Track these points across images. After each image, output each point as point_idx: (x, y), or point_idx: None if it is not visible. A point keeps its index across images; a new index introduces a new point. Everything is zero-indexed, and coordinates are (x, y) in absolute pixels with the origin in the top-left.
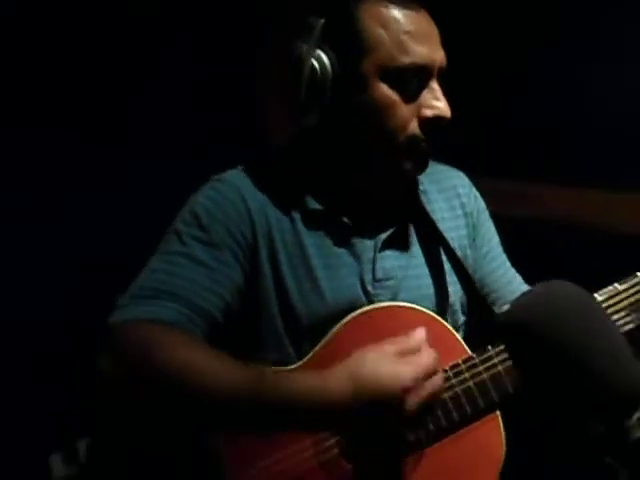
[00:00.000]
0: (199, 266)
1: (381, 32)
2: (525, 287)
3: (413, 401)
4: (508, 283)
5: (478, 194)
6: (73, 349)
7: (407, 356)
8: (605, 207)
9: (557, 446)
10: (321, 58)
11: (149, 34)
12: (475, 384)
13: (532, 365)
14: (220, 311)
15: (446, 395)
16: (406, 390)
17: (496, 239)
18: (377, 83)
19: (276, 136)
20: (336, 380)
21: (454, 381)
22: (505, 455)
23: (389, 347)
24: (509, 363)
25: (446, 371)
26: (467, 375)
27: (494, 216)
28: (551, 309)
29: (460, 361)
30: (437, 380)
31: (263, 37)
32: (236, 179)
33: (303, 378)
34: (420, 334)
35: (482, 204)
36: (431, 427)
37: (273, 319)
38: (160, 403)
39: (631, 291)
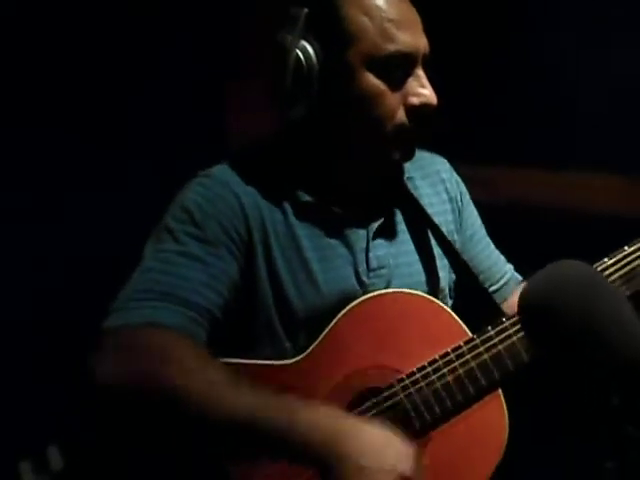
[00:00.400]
0: (196, 263)
1: (365, 20)
2: (509, 266)
3: None
4: (494, 264)
5: (459, 178)
6: (48, 352)
7: None
8: (561, 188)
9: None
10: (306, 49)
11: (148, 34)
12: (477, 365)
13: (551, 343)
14: (219, 308)
15: (449, 377)
16: None
17: (479, 221)
18: (363, 72)
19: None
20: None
21: (457, 363)
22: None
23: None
24: (508, 342)
25: (448, 354)
26: (469, 356)
27: None
28: (568, 288)
29: (462, 343)
30: None
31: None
32: (224, 174)
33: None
34: None
35: (464, 188)
36: (437, 410)
37: (268, 313)
38: (164, 415)
39: (620, 264)
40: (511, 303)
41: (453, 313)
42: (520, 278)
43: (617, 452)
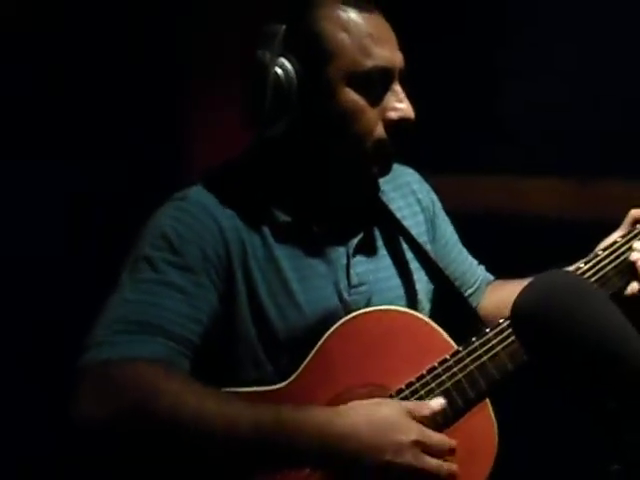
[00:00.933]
0: (177, 293)
1: (344, 37)
2: (481, 267)
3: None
4: (468, 269)
5: (430, 188)
6: None
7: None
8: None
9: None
10: (285, 66)
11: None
12: (464, 377)
13: (547, 352)
14: (201, 337)
15: (437, 392)
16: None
17: (451, 228)
18: (343, 88)
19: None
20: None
21: (444, 377)
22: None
23: (418, 430)
24: (493, 352)
25: (435, 368)
26: (456, 369)
27: None
28: (560, 296)
29: (448, 356)
30: None
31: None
32: (201, 196)
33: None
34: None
35: (435, 196)
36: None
37: (250, 337)
38: (162, 448)
39: (595, 269)
40: (485, 304)
41: (437, 326)
42: (491, 277)
43: (621, 455)
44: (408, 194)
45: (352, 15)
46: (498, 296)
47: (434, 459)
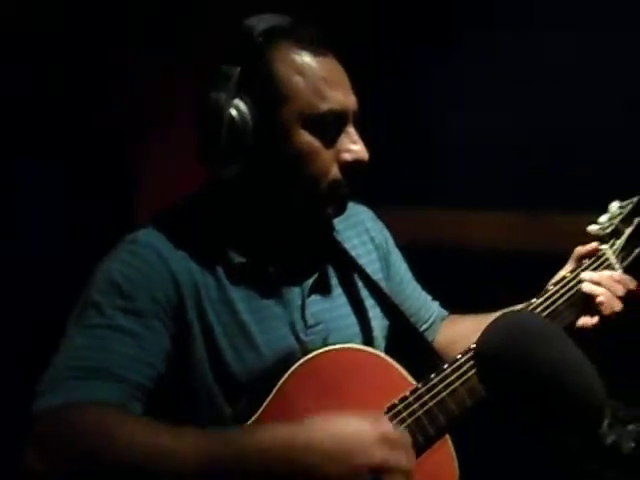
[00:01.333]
0: (126, 337)
1: (299, 80)
2: (435, 303)
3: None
4: (422, 305)
5: (383, 225)
6: None
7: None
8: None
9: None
10: (240, 107)
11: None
12: (424, 413)
13: (509, 393)
14: (152, 380)
15: (399, 428)
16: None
17: (404, 265)
18: (298, 130)
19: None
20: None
21: (405, 414)
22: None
23: (376, 426)
24: (452, 388)
25: (396, 405)
26: (416, 406)
27: None
28: (521, 337)
29: (408, 393)
30: None
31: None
32: (151, 239)
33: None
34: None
35: (388, 233)
36: None
37: (206, 380)
38: None
39: (547, 302)
40: (440, 339)
41: (395, 363)
42: (446, 313)
43: None
44: (362, 232)
45: (307, 59)
46: (453, 331)
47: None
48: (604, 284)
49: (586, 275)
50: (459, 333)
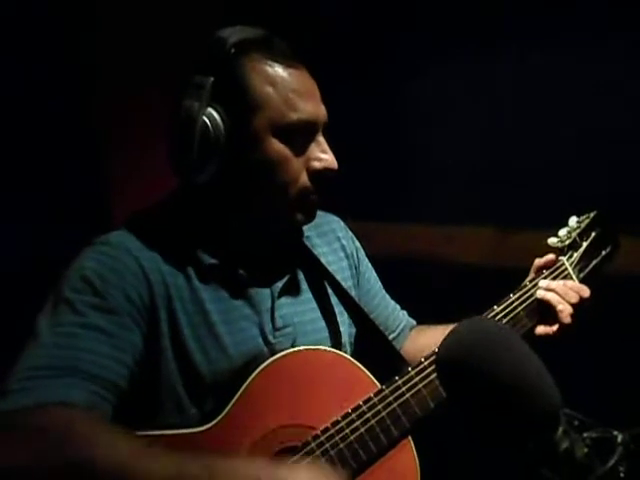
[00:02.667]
0: (99, 334)
1: (270, 90)
2: (403, 312)
3: None
4: (391, 314)
5: (354, 235)
6: None
7: None
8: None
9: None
10: (213, 116)
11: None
12: (388, 414)
13: (467, 397)
14: (124, 379)
15: (362, 429)
16: None
17: (374, 275)
18: (269, 138)
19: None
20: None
21: (369, 415)
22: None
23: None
24: (415, 390)
25: (360, 406)
26: (380, 407)
27: None
28: (480, 343)
29: (372, 394)
30: None
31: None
32: (123, 239)
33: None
34: None
35: (358, 244)
36: (352, 463)
37: (173, 380)
38: None
39: (507, 310)
40: (408, 347)
41: (361, 366)
42: (414, 322)
43: None
44: (333, 241)
45: (278, 70)
46: (420, 341)
47: None
48: (558, 291)
49: (542, 283)
50: (426, 342)
